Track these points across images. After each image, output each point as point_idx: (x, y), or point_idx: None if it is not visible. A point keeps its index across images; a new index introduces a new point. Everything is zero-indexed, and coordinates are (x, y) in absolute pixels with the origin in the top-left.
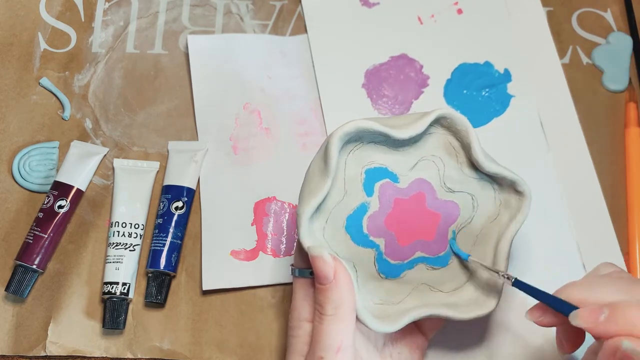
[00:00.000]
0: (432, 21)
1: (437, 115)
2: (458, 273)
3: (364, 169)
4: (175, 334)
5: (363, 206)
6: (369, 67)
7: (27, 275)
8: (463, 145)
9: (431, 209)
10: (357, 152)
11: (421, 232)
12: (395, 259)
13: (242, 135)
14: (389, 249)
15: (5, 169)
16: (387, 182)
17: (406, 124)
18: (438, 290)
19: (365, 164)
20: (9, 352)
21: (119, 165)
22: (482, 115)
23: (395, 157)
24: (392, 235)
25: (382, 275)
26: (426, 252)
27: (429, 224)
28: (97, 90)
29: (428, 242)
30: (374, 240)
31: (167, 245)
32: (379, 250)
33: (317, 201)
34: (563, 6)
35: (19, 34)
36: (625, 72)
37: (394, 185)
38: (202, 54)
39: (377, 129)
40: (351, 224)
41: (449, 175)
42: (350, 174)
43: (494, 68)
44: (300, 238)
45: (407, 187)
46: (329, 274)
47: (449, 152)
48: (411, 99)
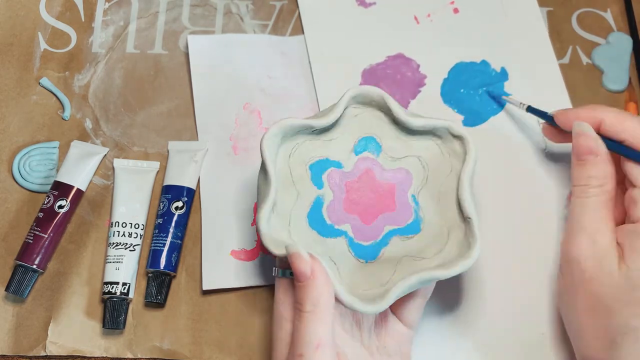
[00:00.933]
0: (429, 20)
1: (350, 94)
2: (435, 235)
3: (307, 165)
4: (175, 334)
5: (318, 199)
6: (365, 67)
7: (27, 275)
8: (387, 113)
9: (383, 181)
10: (297, 153)
11: (382, 207)
12: (367, 240)
13: (242, 135)
14: (358, 232)
15: (5, 169)
16: (332, 170)
17: (326, 112)
18: (422, 257)
19: (306, 161)
20: (9, 352)
21: (119, 165)
22: (479, 114)
23: (332, 147)
24: (355, 218)
25: (362, 260)
26: (395, 224)
27: (387, 196)
28: (97, 90)
29: (393, 214)
30: (340, 228)
31: (167, 245)
32: (348, 236)
33: (267, 209)
34: (563, 6)
35: (19, 34)
36: (625, 72)
37: (341, 171)
38: (202, 54)
39: (300, 123)
40: (313, 220)
41: (388, 146)
42: (297, 174)
43: (491, 67)
44: (265, 244)
45: (353, 169)
46: (306, 271)
47: (379, 124)
48: (408, 98)
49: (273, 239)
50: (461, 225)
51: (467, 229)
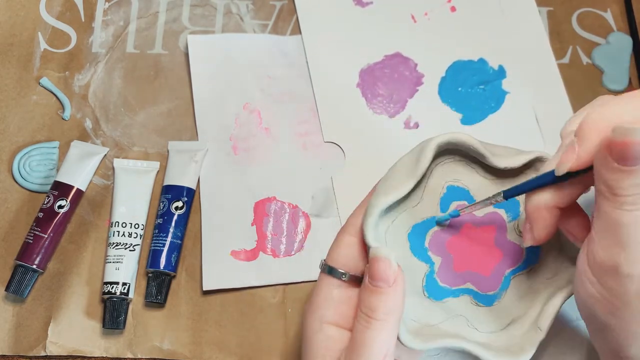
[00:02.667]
0: (426, 19)
1: (537, 155)
2: (499, 317)
3: (447, 184)
4: (175, 334)
5: (433, 219)
6: (363, 67)
7: (27, 275)
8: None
9: (497, 246)
10: (446, 166)
11: (478, 265)
12: (444, 282)
13: (242, 135)
14: (442, 271)
15: (5, 169)
16: (464, 204)
17: (503, 154)
18: (474, 327)
19: (449, 179)
20: (9, 352)
21: (119, 165)
22: (477, 112)
23: (480, 183)
24: (450, 257)
25: (426, 293)
26: (476, 286)
27: (489, 259)
28: (97, 90)
29: (481, 277)
30: (431, 256)
31: (167, 245)
32: (432, 268)
33: (395, 197)
34: (563, 6)
35: (19, 34)
36: (625, 72)
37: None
38: (202, 54)
39: (478, 149)
40: (415, 233)
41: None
42: (432, 184)
43: (489, 65)
44: (365, 228)
45: (481, 217)
46: (389, 278)
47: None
48: (406, 97)
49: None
50: (526, 326)
51: (529, 334)
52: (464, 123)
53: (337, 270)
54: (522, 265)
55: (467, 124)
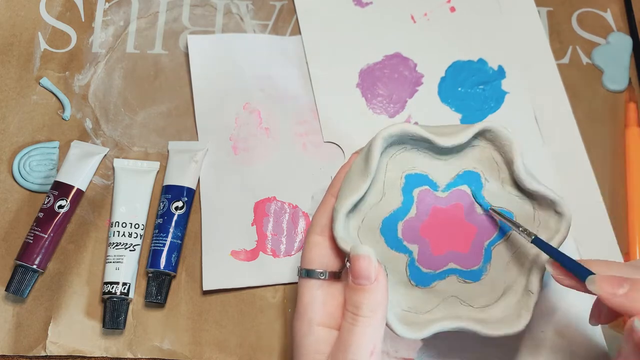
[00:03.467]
0: (425, 20)
1: (482, 127)
2: (490, 290)
3: (405, 173)
4: (175, 334)
5: (400, 210)
6: (362, 67)
7: (27, 275)
8: (506, 160)
9: (468, 221)
10: (399, 157)
11: (456, 244)
12: (427, 267)
13: (242, 135)
14: (422, 257)
15: (6, 169)
16: (426, 189)
17: (450, 133)
18: (468, 304)
19: (406, 168)
20: (9, 352)
21: (119, 165)
22: (477, 112)
23: (436, 166)
24: (426, 242)
25: (413, 282)
26: (459, 265)
27: (465, 236)
28: (97, 90)
29: (462, 255)
30: (408, 245)
31: (167, 245)
32: (412, 257)
33: (354, 200)
34: (563, 6)
35: (19, 34)
36: (625, 72)
37: (433, 194)
38: (202, 54)
39: (421, 134)
40: (386, 227)
41: (489, 189)
42: (390, 177)
43: (488, 65)
44: (335, 234)
45: (446, 197)
46: (371, 275)
47: (491, 166)
48: (405, 97)
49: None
50: (519, 292)
51: (524, 299)
52: (463, 123)
53: (315, 271)
54: (499, 235)
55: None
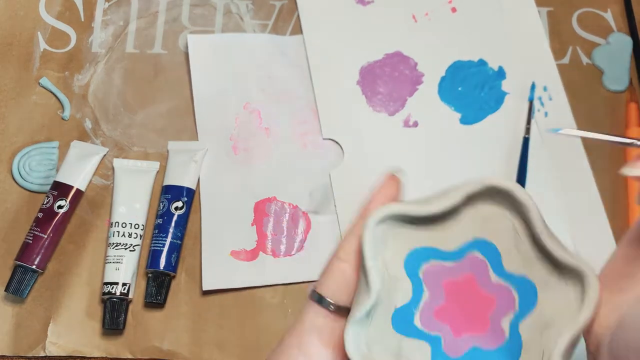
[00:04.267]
0: (427, 19)
1: (484, 186)
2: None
3: (405, 254)
4: (175, 334)
5: (411, 303)
6: (363, 65)
7: (27, 275)
8: (521, 216)
9: (487, 292)
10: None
11: (475, 323)
12: (452, 354)
13: (242, 135)
14: (446, 345)
15: (5, 169)
16: (432, 263)
17: (441, 197)
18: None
19: (404, 250)
20: (9, 353)
21: (118, 165)
22: (476, 112)
23: (438, 234)
24: (446, 327)
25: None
26: (482, 345)
27: (482, 311)
28: (97, 90)
29: (482, 335)
30: (429, 333)
31: (167, 245)
32: (436, 346)
33: (360, 316)
34: (563, 6)
35: (19, 34)
36: (625, 72)
37: (442, 266)
38: (202, 54)
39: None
40: (399, 321)
41: (504, 250)
42: (390, 265)
43: (488, 66)
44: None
45: (456, 265)
46: None
47: (502, 223)
48: (406, 96)
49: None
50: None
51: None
52: (463, 123)
53: (325, 300)
54: (521, 310)
55: (466, 124)
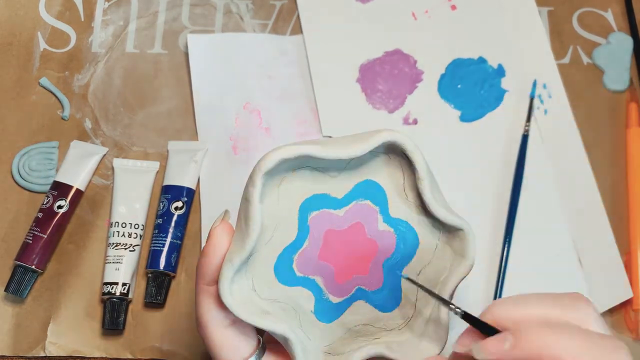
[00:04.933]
0: (426, 17)
1: (385, 140)
2: (399, 313)
3: (299, 200)
4: (175, 334)
5: (294, 243)
6: (363, 62)
7: (27, 275)
8: (411, 172)
9: (370, 237)
10: (289, 184)
11: (358, 267)
12: (335, 296)
13: (242, 135)
14: (328, 287)
15: (5, 169)
16: (323, 212)
17: (347, 144)
18: (381, 328)
19: (299, 194)
20: (9, 353)
21: (118, 165)
22: (476, 110)
23: (334, 183)
24: (330, 270)
25: (321, 317)
26: (366, 287)
27: (366, 256)
28: (97, 90)
29: (365, 277)
30: (311, 277)
31: (167, 245)
32: (318, 290)
33: (239, 260)
34: (563, 6)
35: (19, 33)
36: (626, 72)
37: (330, 214)
38: (202, 53)
39: (305, 153)
40: (280, 266)
41: (392, 198)
42: (283, 210)
43: (488, 63)
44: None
45: (344, 215)
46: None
47: (394, 174)
48: (405, 93)
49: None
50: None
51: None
52: (462, 120)
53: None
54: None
55: (465, 121)
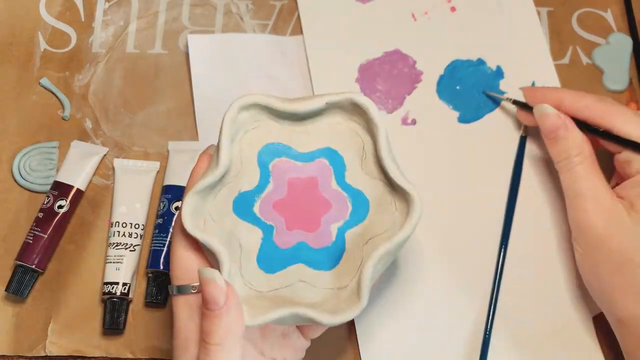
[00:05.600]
0: (426, 18)
1: (345, 97)
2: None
3: (261, 146)
4: None
5: (256, 187)
6: (362, 62)
7: (27, 275)
8: (371, 136)
9: (324, 196)
10: (254, 132)
11: (307, 222)
12: (281, 245)
13: None
14: (277, 236)
15: (5, 169)
16: (284, 160)
17: (307, 99)
18: (314, 286)
19: (262, 141)
20: (9, 352)
21: (119, 165)
22: (474, 111)
23: (296, 135)
24: (281, 221)
25: (261, 264)
26: (309, 242)
27: (316, 213)
28: (97, 90)
29: (311, 234)
30: (264, 221)
31: (167, 245)
32: (268, 231)
33: (200, 186)
34: (563, 6)
35: (19, 34)
36: (625, 72)
37: (292, 163)
38: (202, 53)
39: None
40: (240, 205)
41: (350, 164)
42: (247, 154)
43: (487, 65)
44: (185, 224)
45: (304, 167)
46: (219, 299)
47: (354, 139)
48: (404, 94)
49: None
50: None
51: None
52: (461, 121)
53: (187, 286)
54: (352, 219)
55: (464, 122)
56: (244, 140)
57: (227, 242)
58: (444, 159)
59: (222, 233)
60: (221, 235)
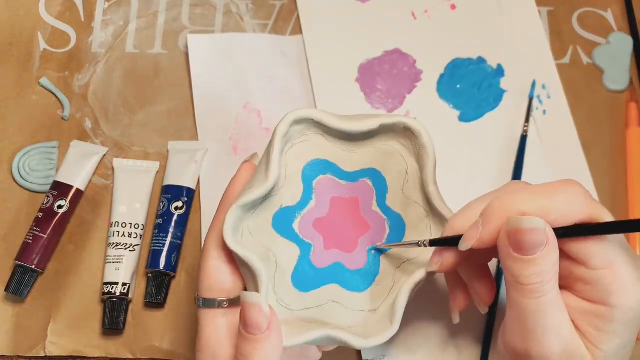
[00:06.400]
0: (426, 17)
1: (399, 120)
2: (371, 298)
3: (306, 162)
4: (175, 334)
5: (298, 203)
6: (362, 62)
7: (27, 275)
8: (417, 160)
9: (365, 217)
10: (300, 146)
11: (345, 242)
12: (317, 264)
13: (242, 135)
14: (314, 254)
15: (5, 169)
16: (328, 177)
17: (361, 119)
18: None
19: (308, 155)
20: (9, 353)
21: (118, 165)
22: (475, 110)
23: (343, 153)
24: (319, 239)
25: (295, 283)
26: (344, 263)
27: (355, 233)
28: (97, 90)
29: (347, 255)
30: (303, 239)
31: (167, 245)
32: (305, 252)
33: (245, 200)
34: (563, 6)
35: (19, 33)
36: (625, 72)
37: (335, 181)
38: (202, 53)
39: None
40: (280, 221)
41: (392, 186)
42: (291, 165)
43: (487, 63)
44: (225, 238)
45: (348, 185)
46: (262, 325)
47: (399, 161)
48: (404, 93)
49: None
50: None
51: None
52: (461, 120)
53: (216, 300)
54: (387, 243)
55: (464, 121)
56: (290, 153)
57: (263, 257)
58: (445, 158)
59: (258, 248)
60: (257, 250)
